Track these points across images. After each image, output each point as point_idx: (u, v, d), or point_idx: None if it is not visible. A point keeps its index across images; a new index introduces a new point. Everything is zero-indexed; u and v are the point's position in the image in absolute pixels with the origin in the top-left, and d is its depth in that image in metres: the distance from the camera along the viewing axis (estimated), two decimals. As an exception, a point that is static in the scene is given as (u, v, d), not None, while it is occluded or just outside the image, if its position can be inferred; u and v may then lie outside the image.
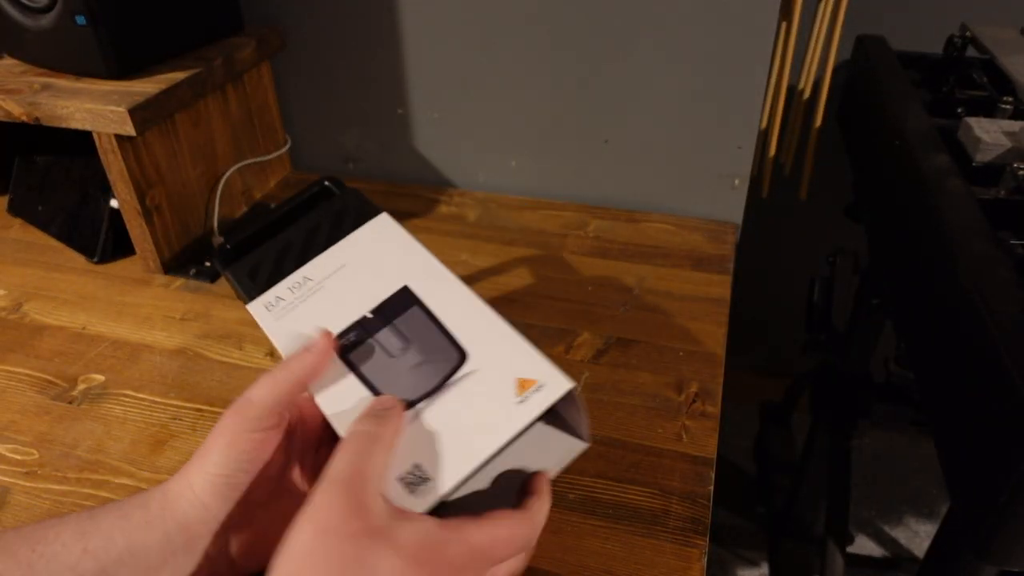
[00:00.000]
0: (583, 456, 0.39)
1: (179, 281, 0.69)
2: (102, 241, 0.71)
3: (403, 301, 0.43)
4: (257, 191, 0.82)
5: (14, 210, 0.80)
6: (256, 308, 0.44)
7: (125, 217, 0.67)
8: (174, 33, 0.69)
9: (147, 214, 0.66)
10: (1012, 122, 0.65)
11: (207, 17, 0.72)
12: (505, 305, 0.64)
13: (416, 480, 0.34)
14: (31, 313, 0.65)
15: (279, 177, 0.86)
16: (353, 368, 0.40)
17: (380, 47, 0.77)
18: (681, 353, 0.59)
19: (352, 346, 0.41)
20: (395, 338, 0.41)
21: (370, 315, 0.42)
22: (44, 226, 0.76)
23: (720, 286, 0.67)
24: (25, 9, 0.63)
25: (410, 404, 0.37)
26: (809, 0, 0.80)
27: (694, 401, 0.54)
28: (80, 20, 0.60)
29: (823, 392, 1.06)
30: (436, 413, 0.37)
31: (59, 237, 0.75)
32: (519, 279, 0.68)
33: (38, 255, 0.73)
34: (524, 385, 0.37)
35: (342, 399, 0.39)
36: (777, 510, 1.25)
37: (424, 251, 0.46)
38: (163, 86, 0.63)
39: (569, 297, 0.65)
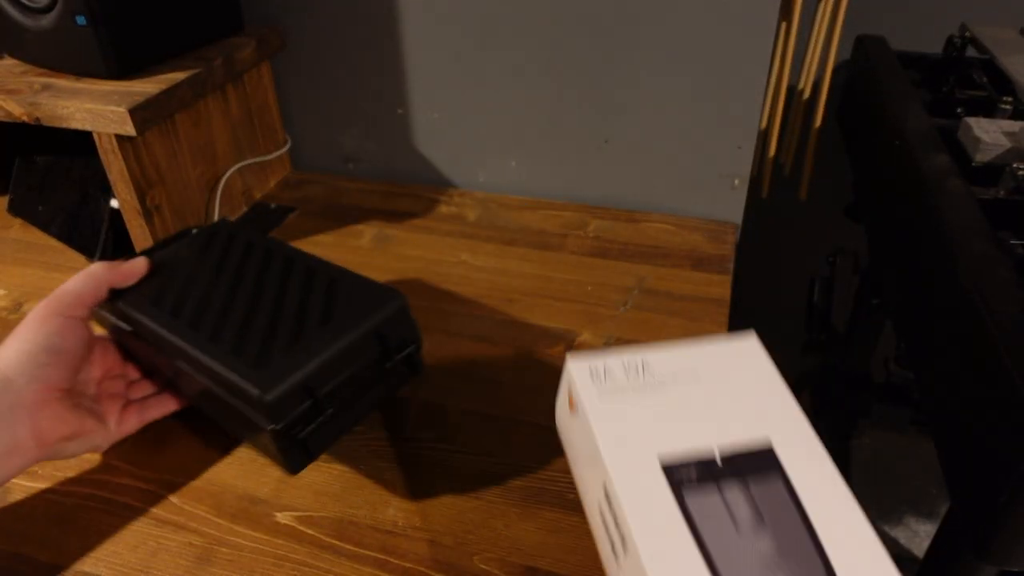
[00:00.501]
0: (584, 456, 0.39)
1: (179, 281, 0.69)
2: (102, 241, 0.71)
3: (763, 462, 0.35)
4: (257, 191, 0.82)
5: (14, 210, 0.80)
6: (579, 369, 0.36)
7: (125, 217, 0.67)
8: (174, 33, 0.69)
9: (147, 214, 0.66)
10: (1012, 122, 0.65)
11: (207, 17, 0.72)
12: (505, 305, 0.64)
13: None
14: (31, 313, 0.65)
15: (279, 177, 0.86)
16: (688, 519, 0.32)
17: (380, 47, 0.77)
18: (681, 353, 0.59)
19: (690, 485, 0.33)
20: (747, 507, 0.33)
21: (719, 463, 0.34)
22: (44, 226, 0.76)
23: (720, 286, 0.67)
24: (25, 9, 0.63)
25: None
26: (809, 0, 0.80)
27: (694, 401, 0.54)
28: (80, 20, 0.60)
29: (823, 392, 1.06)
30: None
31: (59, 237, 0.75)
32: (519, 279, 0.68)
33: (38, 255, 0.73)
34: None
35: (671, 558, 0.30)
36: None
37: (790, 398, 0.39)
38: (163, 86, 0.63)
39: (569, 297, 0.65)
